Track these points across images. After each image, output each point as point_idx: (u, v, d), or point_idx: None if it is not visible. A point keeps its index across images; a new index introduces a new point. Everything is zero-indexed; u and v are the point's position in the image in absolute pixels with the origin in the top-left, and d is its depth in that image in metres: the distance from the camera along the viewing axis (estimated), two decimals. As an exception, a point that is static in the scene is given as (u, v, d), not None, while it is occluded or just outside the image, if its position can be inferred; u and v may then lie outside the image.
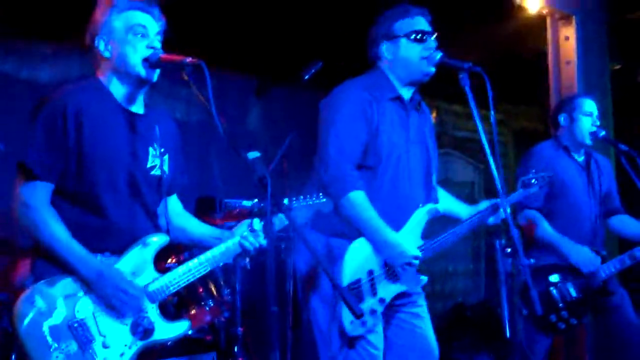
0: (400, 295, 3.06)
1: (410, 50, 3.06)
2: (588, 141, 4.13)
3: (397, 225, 3.01)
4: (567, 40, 5.88)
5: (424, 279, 3.08)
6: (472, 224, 3.15)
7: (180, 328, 2.63)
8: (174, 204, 2.86)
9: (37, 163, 2.47)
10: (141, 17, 2.62)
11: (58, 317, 2.43)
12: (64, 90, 2.56)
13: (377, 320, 2.97)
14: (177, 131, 2.89)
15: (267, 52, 6.08)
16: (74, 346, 2.42)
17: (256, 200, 2.30)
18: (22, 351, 2.39)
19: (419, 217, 3.04)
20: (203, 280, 4.25)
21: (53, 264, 2.47)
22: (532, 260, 3.91)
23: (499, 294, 4.20)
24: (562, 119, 4.22)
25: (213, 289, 4.28)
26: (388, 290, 2.97)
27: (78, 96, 2.53)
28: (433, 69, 3.07)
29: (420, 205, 3.06)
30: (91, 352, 2.44)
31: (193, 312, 4.22)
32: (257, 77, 6.67)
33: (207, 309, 4.27)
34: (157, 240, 2.63)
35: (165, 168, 2.72)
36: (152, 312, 2.56)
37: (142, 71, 2.59)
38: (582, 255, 3.93)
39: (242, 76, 6.43)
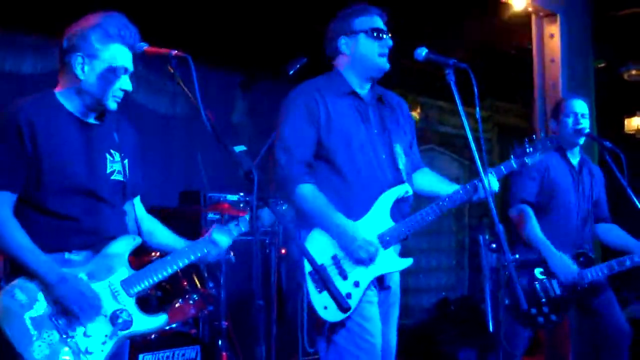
0: (382, 287, 3.09)
1: (368, 46, 3.15)
2: (574, 139, 4.18)
3: (366, 210, 3.06)
4: (551, 37, 5.91)
5: (407, 261, 3.07)
6: (442, 207, 3.11)
7: (158, 321, 2.71)
8: (138, 207, 2.92)
9: None
10: (127, 57, 2.66)
11: (39, 309, 2.47)
12: (15, 105, 2.58)
13: (359, 304, 2.96)
14: (136, 137, 2.93)
15: (252, 46, 6.07)
16: (55, 336, 2.47)
17: (242, 194, 2.30)
18: (4, 342, 2.41)
19: (385, 200, 3.07)
20: (187, 273, 4.25)
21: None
22: (516, 256, 3.93)
23: (483, 288, 4.23)
24: (552, 124, 4.31)
25: (197, 282, 4.28)
26: (362, 274, 2.98)
27: (29, 109, 2.57)
28: (388, 65, 3.16)
29: (387, 188, 3.09)
30: (73, 341, 2.49)
31: (177, 305, 4.22)
32: (242, 72, 6.66)
33: (192, 302, 4.28)
34: (131, 241, 2.72)
35: (127, 172, 2.78)
36: (130, 305, 2.63)
37: (111, 105, 2.66)
38: (562, 263, 3.94)
39: (226, 70, 6.42)
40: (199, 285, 4.32)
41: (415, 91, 7.74)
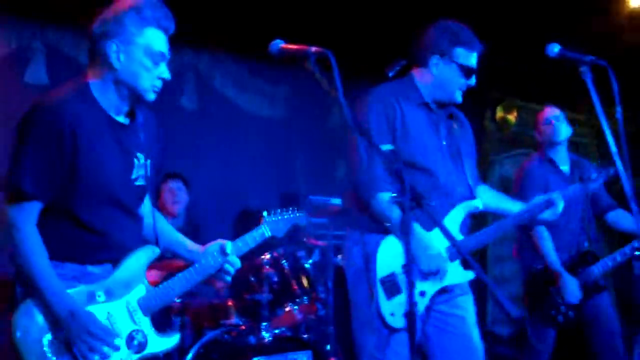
0: (441, 291, 3.08)
1: (456, 78, 3.16)
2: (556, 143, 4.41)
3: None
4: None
5: (470, 274, 3.08)
6: (519, 219, 3.23)
7: (171, 342, 2.61)
8: (146, 204, 2.77)
9: (30, 184, 2.34)
10: (163, 43, 2.50)
11: (57, 332, 2.36)
12: (55, 102, 2.40)
13: (428, 313, 3.02)
14: (160, 132, 2.74)
15: (349, 50, 6.00)
16: None
17: (394, 194, 2.22)
18: None
19: (457, 213, 3.11)
20: (297, 277, 4.22)
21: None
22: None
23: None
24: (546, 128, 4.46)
25: (307, 285, 4.23)
26: (428, 285, 3.00)
27: (71, 109, 2.39)
28: (460, 100, 3.20)
29: (458, 203, 3.13)
30: None
31: (287, 309, 4.19)
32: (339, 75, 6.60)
33: (300, 306, 4.24)
34: (150, 254, 2.61)
35: (149, 175, 2.64)
36: (145, 325, 2.53)
37: (149, 95, 2.50)
38: (571, 286, 4.19)
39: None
40: (308, 289, 4.27)
41: (512, 94, 7.58)
